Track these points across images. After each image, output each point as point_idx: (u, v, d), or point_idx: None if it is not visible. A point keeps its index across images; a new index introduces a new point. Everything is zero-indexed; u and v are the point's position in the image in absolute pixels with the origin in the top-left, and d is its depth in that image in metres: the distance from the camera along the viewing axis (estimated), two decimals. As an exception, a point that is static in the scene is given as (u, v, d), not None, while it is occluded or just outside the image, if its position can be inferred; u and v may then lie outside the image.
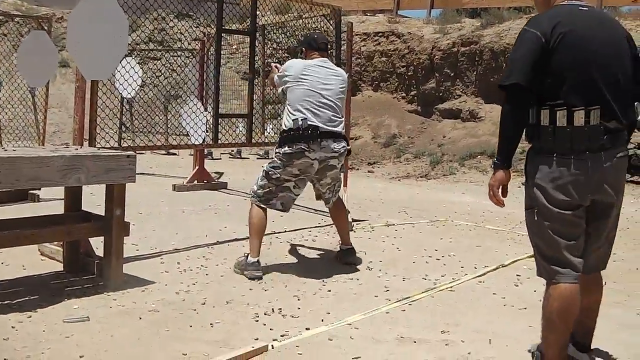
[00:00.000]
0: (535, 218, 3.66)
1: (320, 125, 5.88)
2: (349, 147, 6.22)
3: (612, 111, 3.51)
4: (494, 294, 5.58)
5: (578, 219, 3.58)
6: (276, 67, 6.54)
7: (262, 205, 6.04)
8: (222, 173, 12.98)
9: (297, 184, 6.08)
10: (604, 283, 3.98)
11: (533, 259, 3.86)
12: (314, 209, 9.22)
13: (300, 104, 5.91)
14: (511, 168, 3.68)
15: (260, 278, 5.76)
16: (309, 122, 5.85)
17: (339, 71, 6.31)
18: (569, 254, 3.58)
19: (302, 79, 5.99)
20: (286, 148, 5.88)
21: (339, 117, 6.08)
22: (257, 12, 8.05)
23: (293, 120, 5.89)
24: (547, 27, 3.51)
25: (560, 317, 3.58)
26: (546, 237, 3.63)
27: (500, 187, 3.71)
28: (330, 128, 5.95)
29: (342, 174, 6.41)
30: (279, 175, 5.96)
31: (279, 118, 14.52)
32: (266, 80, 7.52)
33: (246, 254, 5.95)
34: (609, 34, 3.62)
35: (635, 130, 3.76)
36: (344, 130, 6.16)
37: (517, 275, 6.18)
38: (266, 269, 6.02)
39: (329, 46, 6.49)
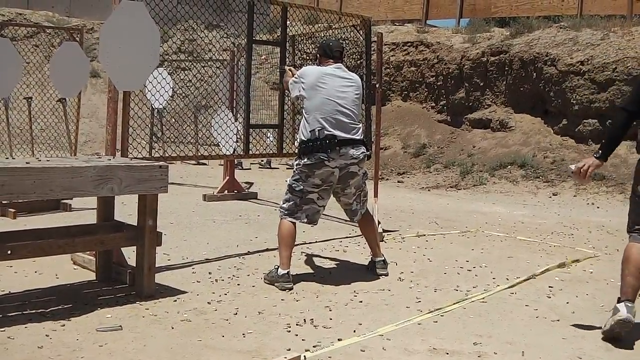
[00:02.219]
0: None
1: (337, 133, 5.92)
2: (368, 153, 6.22)
3: None
4: (526, 305, 5.54)
5: None
6: (290, 70, 6.54)
7: (289, 219, 6.05)
8: (252, 183, 13.03)
9: (321, 195, 6.08)
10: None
11: (564, 270, 3.90)
12: (344, 220, 9.20)
13: (316, 114, 5.94)
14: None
15: (290, 289, 5.77)
16: (326, 132, 5.89)
17: (353, 78, 6.27)
18: None
19: (318, 87, 5.98)
20: (306, 159, 5.92)
21: (357, 124, 6.10)
22: (287, 23, 8.07)
23: (310, 131, 5.93)
24: None
25: None
26: None
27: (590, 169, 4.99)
28: (347, 136, 5.98)
29: (365, 184, 6.41)
30: (301, 187, 6.00)
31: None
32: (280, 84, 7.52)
33: (276, 266, 5.97)
34: None
35: None
36: (362, 136, 6.16)
37: (549, 286, 6.14)
38: (297, 280, 6.01)
39: (343, 54, 6.48)
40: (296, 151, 6.30)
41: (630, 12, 16.89)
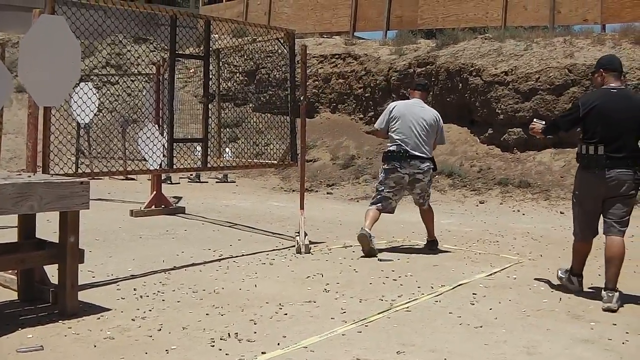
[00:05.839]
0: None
1: (409, 150, 8.08)
2: (432, 167, 8.31)
3: None
4: (450, 313, 5.62)
5: None
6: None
7: (374, 207, 8.24)
8: (181, 197, 12.96)
9: (395, 193, 8.25)
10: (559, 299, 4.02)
11: (489, 277, 4.03)
12: (271, 232, 9.24)
13: (399, 134, 8.14)
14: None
15: (369, 235, 7.87)
16: (402, 147, 8.08)
17: (429, 111, 8.39)
18: None
19: (401, 116, 8.19)
20: (385, 165, 8.25)
21: (426, 146, 8.19)
22: (215, 36, 8.06)
23: (392, 145, 8.18)
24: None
25: None
26: None
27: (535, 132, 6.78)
28: (417, 153, 8.11)
29: (430, 188, 8.49)
30: (382, 188, 8.25)
31: (238, 141, 14.58)
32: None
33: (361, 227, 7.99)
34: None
35: None
36: (431, 155, 8.25)
37: (473, 294, 6.24)
38: (223, 293, 6.01)
39: (423, 87, 8.78)
40: (221, 165, 6.50)
41: (552, 23, 17.32)
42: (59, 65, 5.86)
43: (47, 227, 6.30)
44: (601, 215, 6.26)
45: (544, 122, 6.82)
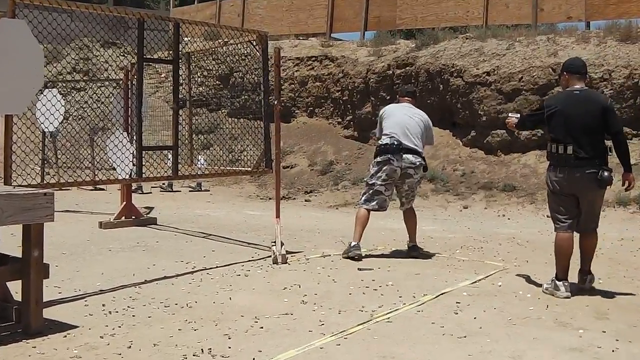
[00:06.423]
0: None
1: (403, 142, 8.39)
2: (424, 163, 8.60)
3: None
4: (432, 323, 5.60)
5: None
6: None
7: (364, 207, 8.47)
8: (152, 208, 12.89)
9: (387, 188, 8.46)
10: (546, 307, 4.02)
11: (473, 285, 4.11)
12: (246, 242, 9.20)
13: (390, 129, 8.50)
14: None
15: (360, 256, 8.21)
16: (395, 139, 8.39)
17: (419, 111, 8.85)
18: None
19: (392, 115, 8.65)
20: (379, 158, 8.45)
21: (419, 141, 8.55)
22: (186, 39, 8.01)
23: (385, 138, 8.50)
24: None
25: None
26: None
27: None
28: (410, 145, 8.41)
29: (416, 189, 8.86)
30: (374, 181, 8.44)
31: (211, 148, 14.52)
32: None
33: (349, 242, 8.37)
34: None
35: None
36: (422, 152, 8.58)
37: (456, 302, 6.23)
38: (195, 308, 5.97)
39: (415, 94, 9.50)
40: (193, 173, 6.49)
41: (534, 21, 17.38)
42: (21, 71, 5.81)
43: (11, 240, 6.23)
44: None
45: (518, 116, 7.42)
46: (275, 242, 8.13)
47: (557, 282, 6.59)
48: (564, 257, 6.65)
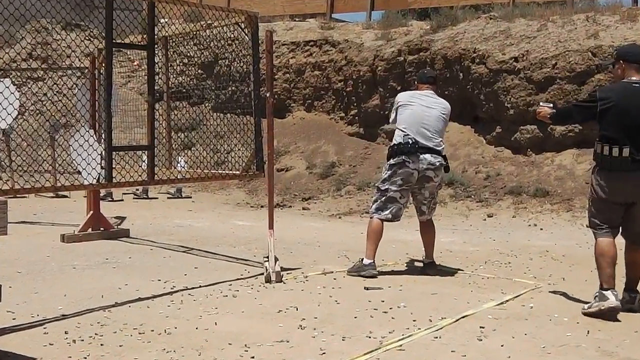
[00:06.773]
0: None
1: (419, 141, 8.31)
2: (445, 164, 8.57)
3: None
4: (452, 351, 5.59)
5: None
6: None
7: (376, 217, 8.45)
8: (124, 218, 12.89)
9: (402, 194, 8.44)
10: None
11: (500, 307, 4.09)
12: (234, 258, 9.19)
13: (405, 124, 8.44)
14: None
15: (375, 276, 8.18)
16: (411, 139, 8.31)
17: (441, 100, 8.79)
18: None
19: (408, 104, 8.54)
20: (392, 160, 8.38)
21: (438, 138, 8.49)
22: (163, 21, 7.99)
23: (399, 137, 8.41)
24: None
25: None
26: None
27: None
28: (428, 144, 8.35)
29: (438, 194, 8.92)
30: (387, 187, 8.40)
31: (193, 148, 14.54)
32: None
33: (361, 258, 8.38)
34: None
35: None
36: (442, 149, 8.53)
37: (480, 327, 6.22)
38: (175, 334, 5.96)
39: (436, 80, 9.17)
40: (171, 177, 6.57)
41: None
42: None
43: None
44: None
45: (551, 105, 7.42)
46: (268, 257, 8.13)
47: (603, 292, 6.51)
48: (607, 264, 6.60)
